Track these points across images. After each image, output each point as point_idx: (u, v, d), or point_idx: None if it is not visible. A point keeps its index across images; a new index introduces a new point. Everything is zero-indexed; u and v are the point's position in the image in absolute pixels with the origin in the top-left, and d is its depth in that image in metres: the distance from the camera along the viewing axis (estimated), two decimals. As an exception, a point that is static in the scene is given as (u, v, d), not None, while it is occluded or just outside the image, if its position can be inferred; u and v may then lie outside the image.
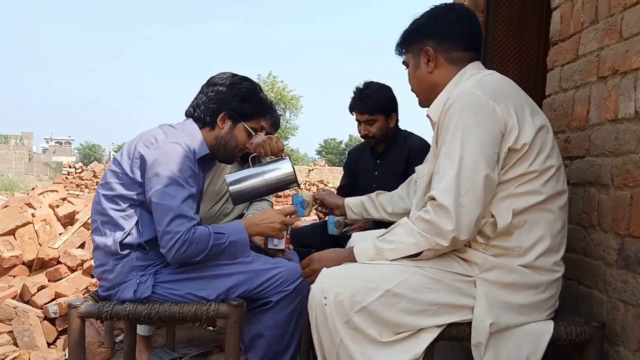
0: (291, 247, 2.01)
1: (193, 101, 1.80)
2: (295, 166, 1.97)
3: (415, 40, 1.50)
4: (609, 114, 1.46)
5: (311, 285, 1.36)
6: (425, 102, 1.54)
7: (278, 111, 2.91)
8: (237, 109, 1.77)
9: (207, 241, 1.59)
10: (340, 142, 57.78)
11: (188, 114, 1.80)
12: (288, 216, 1.77)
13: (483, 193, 1.25)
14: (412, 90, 1.59)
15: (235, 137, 1.79)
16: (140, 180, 1.60)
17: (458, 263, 1.33)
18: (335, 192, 2.88)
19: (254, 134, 1.83)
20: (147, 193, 1.58)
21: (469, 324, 1.31)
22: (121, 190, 1.62)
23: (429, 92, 1.49)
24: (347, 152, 2.99)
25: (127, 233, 1.60)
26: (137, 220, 1.62)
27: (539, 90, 2.73)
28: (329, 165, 32.00)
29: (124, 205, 1.62)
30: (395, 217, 1.76)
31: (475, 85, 1.32)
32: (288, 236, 1.85)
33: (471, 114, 1.27)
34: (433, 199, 1.28)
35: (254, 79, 1.88)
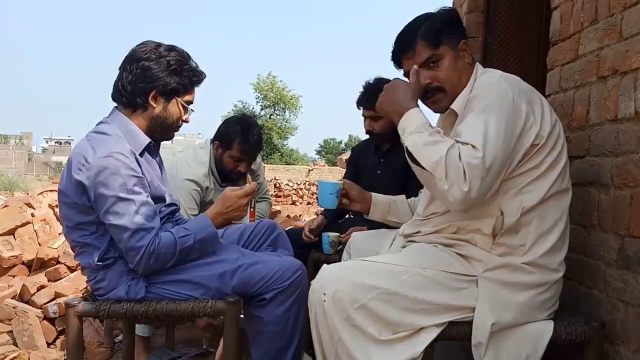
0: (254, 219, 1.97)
1: (117, 82, 1.65)
2: (295, 166, 1.95)
3: (450, 32, 1.46)
4: (609, 114, 1.46)
5: (312, 281, 1.36)
6: (454, 99, 1.46)
7: (277, 111, 2.91)
8: (168, 84, 1.63)
9: (174, 248, 1.56)
10: (340, 142, 57.76)
11: (114, 99, 1.69)
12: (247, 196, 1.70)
13: (502, 161, 1.24)
14: (439, 89, 1.46)
15: (171, 114, 1.68)
16: (89, 203, 1.54)
17: (459, 263, 1.34)
18: None
19: (188, 107, 1.73)
20: (99, 215, 1.53)
21: (469, 323, 1.31)
22: (80, 218, 1.56)
23: (463, 87, 1.46)
24: (350, 150, 2.97)
25: (103, 250, 1.57)
26: (111, 237, 1.57)
27: (538, 90, 2.73)
28: (328, 165, 31.99)
29: (92, 229, 1.57)
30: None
31: (502, 80, 1.34)
32: (252, 209, 1.82)
33: (499, 104, 1.27)
34: (483, 164, 1.20)
35: (254, 79, 1.87)
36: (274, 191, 13.85)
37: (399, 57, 1.50)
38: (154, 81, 1.61)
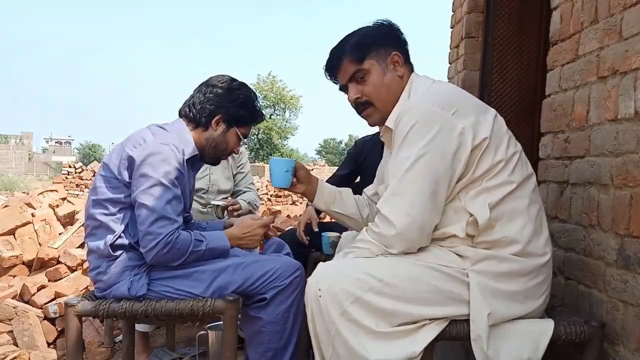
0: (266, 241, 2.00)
1: (188, 100, 1.82)
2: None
3: (378, 46, 1.48)
4: (609, 114, 1.46)
5: (308, 279, 1.37)
6: (386, 113, 1.49)
7: (277, 111, 2.94)
8: (233, 114, 1.79)
9: (187, 247, 1.61)
10: (340, 142, 57.86)
11: (181, 113, 1.82)
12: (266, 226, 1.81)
13: (429, 200, 1.30)
14: (368, 103, 1.50)
15: (227, 141, 1.82)
16: (128, 180, 1.61)
17: (451, 257, 1.35)
18: (330, 177, 2.84)
19: (243, 139, 1.87)
20: (133, 193, 1.60)
21: (468, 322, 1.31)
22: (110, 194, 1.62)
23: (396, 99, 1.48)
24: (354, 143, 2.92)
25: (117, 235, 1.61)
26: (128, 223, 1.63)
27: (539, 90, 2.73)
28: (328, 165, 32.01)
29: (113, 210, 1.63)
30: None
31: (424, 97, 1.37)
32: (262, 242, 1.86)
33: (422, 126, 1.31)
34: (380, 212, 1.33)
35: (254, 78, 1.91)
36: (274, 191, 13.83)
37: (331, 73, 1.56)
38: (221, 107, 1.78)
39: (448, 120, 1.31)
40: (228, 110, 1.78)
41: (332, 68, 1.54)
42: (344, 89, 1.56)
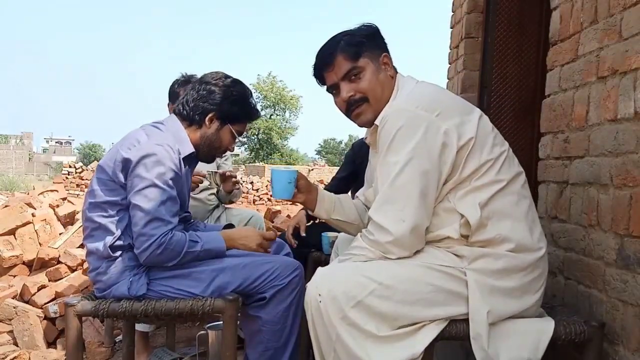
0: None
1: (182, 97, 1.81)
2: (295, 166, 1.93)
3: (372, 45, 1.49)
4: (609, 114, 1.46)
5: (307, 284, 1.37)
6: (377, 112, 1.47)
7: (277, 111, 2.94)
8: (227, 111, 1.78)
9: (182, 248, 1.61)
10: (340, 142, 57.85)
11: (175, 111, 1.81)
12: (266, 242, 1.79)
13: (420, 203, 1.30)
14: (363, 99, 1.48)
15: (221, 138, 1.81)
16: (124, 182, 1.61)
17: (448, 256, 1.36)
18: (330, 181, 2.86)
19: (237, 136, 1.86)
20: (128, 194, 1.60)
21: (468, 322, 1.31)
22: (107, 196, 1.62)
23: (388, 99, 1.49)
24: (351, 145, 2.93)
25: (116, 237, 1.61)
26: (126, 224, 1.62)
27: (538, 90, 2.73)
28: (328, 166, 32.01)
29: (112, 212, 1.63)
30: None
31: (407, 100, 1.38)
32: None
33: (407, 129, 1.31)
34: (373, 220, 1.33)
35: (254, 78, 1.90)
36: (274, 191, 13.79)
37: (320, 72, 1.53)
38: (215, 104, 1.76)
39: (432, 122, 1.31)
40: (221, 108, 1.77)
41: (325, 65, 1.50)
42: (332, 89, 1.53)
